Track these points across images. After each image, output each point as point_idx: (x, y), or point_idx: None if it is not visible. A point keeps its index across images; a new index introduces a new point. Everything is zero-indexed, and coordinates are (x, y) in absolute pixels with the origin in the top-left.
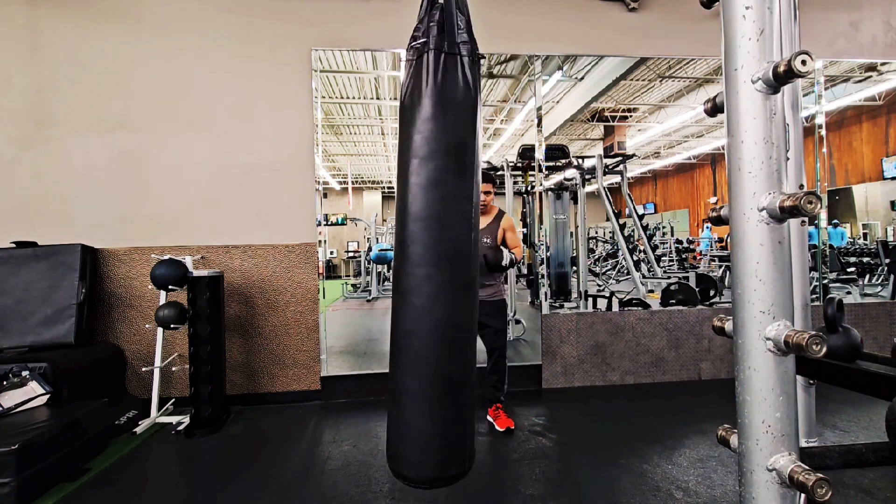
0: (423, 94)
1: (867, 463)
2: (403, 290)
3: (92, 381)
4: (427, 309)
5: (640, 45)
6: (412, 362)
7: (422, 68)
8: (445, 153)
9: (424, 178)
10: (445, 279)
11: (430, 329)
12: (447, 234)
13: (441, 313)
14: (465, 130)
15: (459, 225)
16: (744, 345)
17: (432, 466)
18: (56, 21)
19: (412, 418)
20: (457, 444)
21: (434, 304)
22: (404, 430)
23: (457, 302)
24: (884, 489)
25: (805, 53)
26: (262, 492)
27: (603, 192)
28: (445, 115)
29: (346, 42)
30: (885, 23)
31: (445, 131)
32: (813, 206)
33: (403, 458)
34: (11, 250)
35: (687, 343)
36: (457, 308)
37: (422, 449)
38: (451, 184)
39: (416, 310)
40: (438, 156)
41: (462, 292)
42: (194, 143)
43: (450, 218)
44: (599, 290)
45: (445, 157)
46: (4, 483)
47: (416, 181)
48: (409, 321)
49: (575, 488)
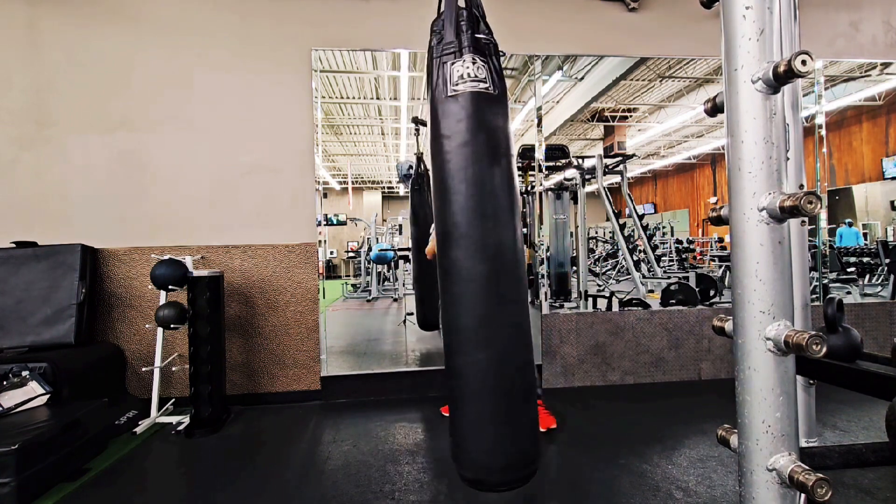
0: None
1: (867, 463)
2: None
3: (92, 381)
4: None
5: (640, 45)
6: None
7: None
8: (486, 146)
9: (469, 174)
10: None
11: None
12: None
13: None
14: (502, 122)
15: (504, 217)
16: (744, 345)
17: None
18: (56, 21)
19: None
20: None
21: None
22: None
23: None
24: (884, 489)
25: (805, 53)
26: (262, 492)
27: (603, 192)
28: (481, 110)
29: (346, 42)
30: (885, 23)
31: (482, 124)
32: (813, 206)
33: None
34: (11, 250)
35: (687, 343)
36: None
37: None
38: (494, 175)
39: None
40: (481, 153)
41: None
42: (194, 142)
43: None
44: (599, 290)
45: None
46: (4, 483)
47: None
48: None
49: (575, 488)
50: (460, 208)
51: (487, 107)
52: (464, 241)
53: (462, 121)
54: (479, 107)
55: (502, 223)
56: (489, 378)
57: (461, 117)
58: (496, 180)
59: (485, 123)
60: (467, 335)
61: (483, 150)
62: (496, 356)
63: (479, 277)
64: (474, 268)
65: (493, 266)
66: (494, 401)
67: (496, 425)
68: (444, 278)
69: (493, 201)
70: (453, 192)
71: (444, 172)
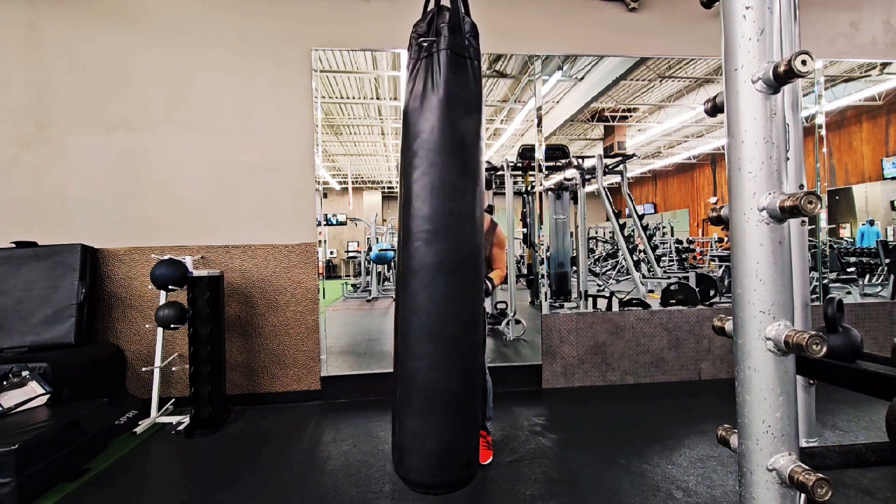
0: (431, 93)
1: (867, 463)
2: (408, 288)
3: (92, 381)
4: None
5: (640, 45)
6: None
7: (431, 68)
8: (451, 154)
9: (430, 179)
10: (456, 282)
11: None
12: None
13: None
14: (472, 130)
15: (466, 228)
16: (744, 345)
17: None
18: (56, 21)
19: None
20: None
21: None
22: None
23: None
24: (884, 489)
25: (805, 53)
26: (262, 492)
27: (603, 192)
28: (453, 114)
29: (346, 42)
30: (885, 23)
31: (453, 131)
32: (813, 206)
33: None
34: (11, 250)
35: (687, 343)
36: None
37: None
38: (457, 186)
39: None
40: (445, 157)
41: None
42: (194, 143)
43: (455, 223)
44: (599, 290)
45: (451, 158)
46: (4, 483)
47: (420, 183)
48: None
49: (575, 488)
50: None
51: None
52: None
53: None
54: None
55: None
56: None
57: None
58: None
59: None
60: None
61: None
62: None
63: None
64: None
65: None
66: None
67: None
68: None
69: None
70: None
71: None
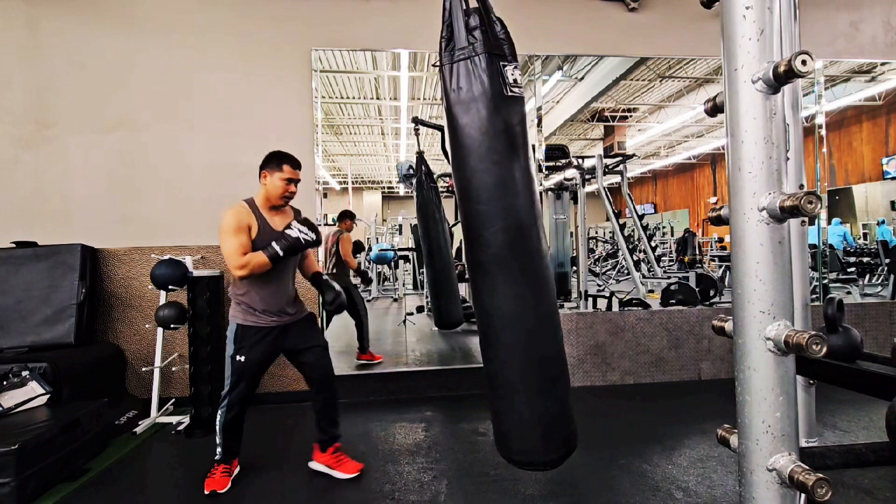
0: (481, 92)
1: (867, 463)
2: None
3: (92, 381)
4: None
5: (640, 45)
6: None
7: (475, 69)
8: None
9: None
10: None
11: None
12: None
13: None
14: (520, 121)
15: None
16: (744, 345)
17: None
18: (56, 21)
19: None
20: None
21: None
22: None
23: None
24: (884, 489)
25: (805, 53)
26: (262, 492)
27: (603, 192)
28: (500, 111)
29: (346, 42)
30: (885, 23)
31: (504, 123)
32: (813, 206)
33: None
34: (11, 250)
35: (687, 343)
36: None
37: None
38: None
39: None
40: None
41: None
42: (194, 142)
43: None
44: (599, 290)
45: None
46: (4, 483)
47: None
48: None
49: (575, 488)
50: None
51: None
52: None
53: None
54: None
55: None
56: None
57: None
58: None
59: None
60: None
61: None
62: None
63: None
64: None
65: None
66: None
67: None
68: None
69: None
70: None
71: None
